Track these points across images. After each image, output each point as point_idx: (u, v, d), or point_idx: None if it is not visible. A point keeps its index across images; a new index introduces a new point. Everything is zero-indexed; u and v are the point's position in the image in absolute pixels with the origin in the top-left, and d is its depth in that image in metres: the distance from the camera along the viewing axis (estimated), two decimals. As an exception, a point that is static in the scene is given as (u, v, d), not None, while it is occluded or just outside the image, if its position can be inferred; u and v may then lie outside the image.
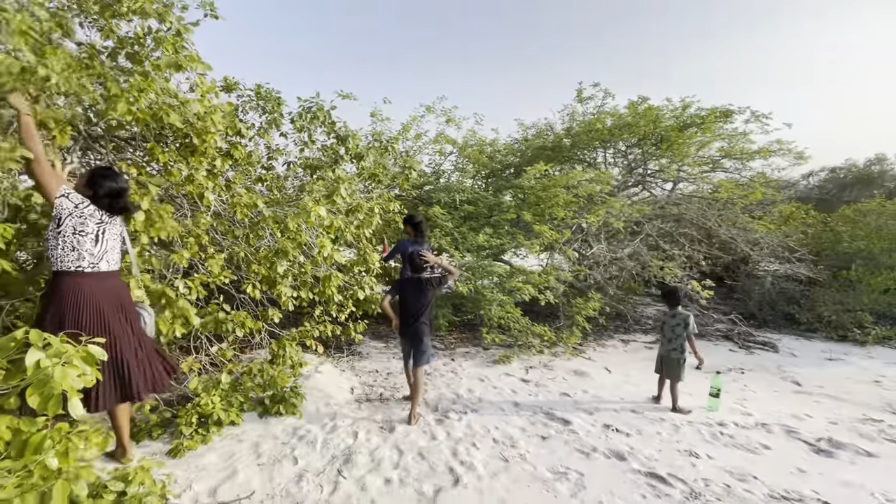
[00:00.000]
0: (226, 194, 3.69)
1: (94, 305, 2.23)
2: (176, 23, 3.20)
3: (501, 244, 6.25)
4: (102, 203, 2.39)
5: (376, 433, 3.24)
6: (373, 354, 5.26)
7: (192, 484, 2.48)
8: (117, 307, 2.35)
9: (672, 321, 4.16)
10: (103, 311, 2.26)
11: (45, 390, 1.42)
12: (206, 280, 3.36)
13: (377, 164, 5.10)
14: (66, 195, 2.26)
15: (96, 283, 2.28)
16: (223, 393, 3.22)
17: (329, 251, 3.85)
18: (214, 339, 3.76)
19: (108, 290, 2.34)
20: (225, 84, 4.32)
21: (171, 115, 3.05)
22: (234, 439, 3.00)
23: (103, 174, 2.44)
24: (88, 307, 2.21)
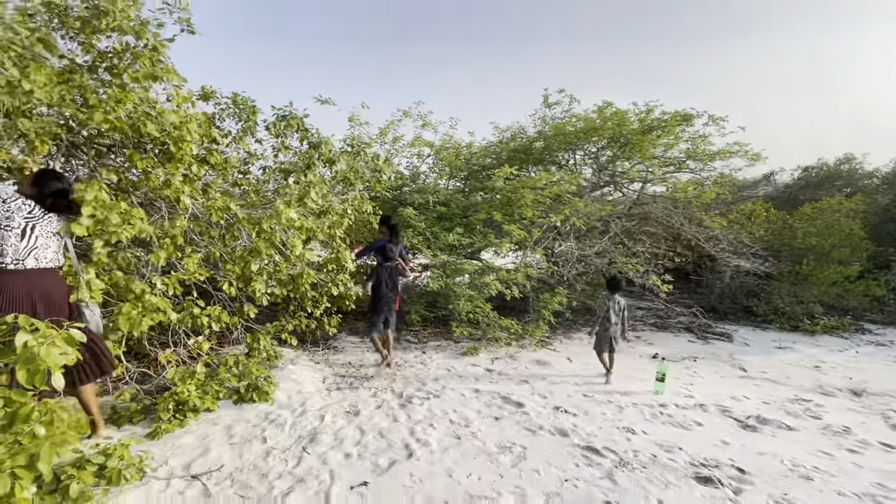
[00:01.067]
0: (202, 198, 3.94)
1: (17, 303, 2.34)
2: (152, 39, 3.45)
3: (472, 243, 6.55)
4: (45, 202, 2.53)
5: (342, 416, 3.52)
6: (347, 348, 5.53)
7: (169, 460, 2.74)
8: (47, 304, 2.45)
9: (616, 307, 4.72)
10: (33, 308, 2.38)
11: (32, 366, 1.68)
12: (183, 278, 3.61)
13: (350, 168, 5.38)
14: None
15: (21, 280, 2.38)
16: (199, 382, 3.47)
17: (300, 250, 4.12)
18: (192, 333, 4.01)
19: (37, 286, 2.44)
20: (203, 93, 4.56)
21: (147, 125, 3.29)
22: (210, 423, 3.26)
23: (48, 174, 2.61)
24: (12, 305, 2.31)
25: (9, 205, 2.40)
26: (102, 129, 3.30)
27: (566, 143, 8.08)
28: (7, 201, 2.41)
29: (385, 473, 2.72)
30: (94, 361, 2.72)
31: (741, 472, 2.93)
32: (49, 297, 2.49)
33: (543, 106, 8.40)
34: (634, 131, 7.63)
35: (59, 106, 3.25)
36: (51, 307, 2.49)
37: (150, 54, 3.46)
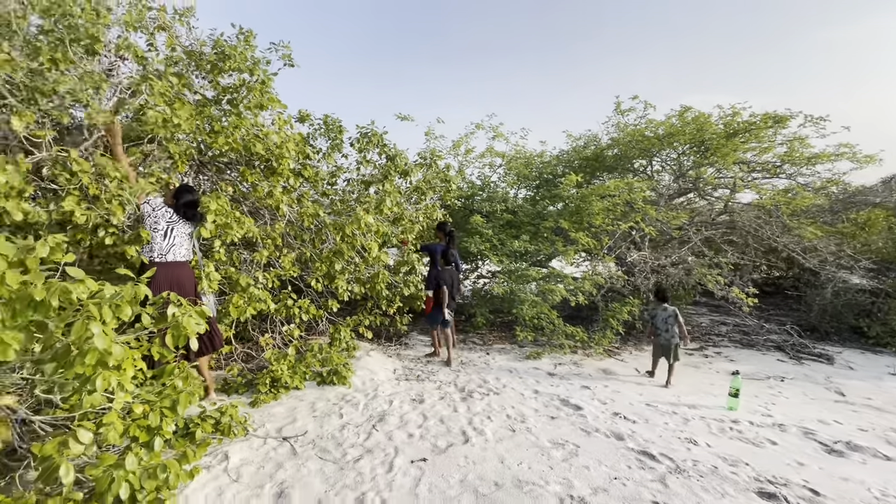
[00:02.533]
0: (297, 206, 4.59)
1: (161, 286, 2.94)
2: (262, 74, 4.16)
3: (539, 250, 6.67)
4: (181, 210, 3.26)
5: (408, 403, 3.88)
6: (417, 345, 5.94)
7: (265, 424, 3.29)
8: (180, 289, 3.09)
9: (664, 314, 4.79)
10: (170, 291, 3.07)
11: (177, 332, 2.23)
12: (280, 274, 4.25)
13: (424, 179, 5.83)
14: (148, 201, 3.19)
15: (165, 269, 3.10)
16: (290, 364, 4.05)
17: (376, 253, 4.61)
18: (285, 322, 4.66)
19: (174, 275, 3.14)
20: (300, 116, 5.29)
21: (256, 145, 3.98)
22: (297, 399, 3.81)
23: (184, 189, 3.34)
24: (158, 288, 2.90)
25: (157, 212, 3.14)
26: (223, 150, 4.04)
27: (642, 149, 7.86)
28: (156, 209, 3.15)
29: (442, 453, 3.01)
30: (209, 339, 3.36)
31: (815, 493, 2.77)
32: (181, 284, 3.18)
33: (616, 113, 8.27)
34: (718, 135, 7.22)
35: (194, 133, 4.05)
36: (182, 292, 3.17)
37: (260, 87, 4.17)
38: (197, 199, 3.31)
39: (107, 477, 1.99)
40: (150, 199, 3.20)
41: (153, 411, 2.28)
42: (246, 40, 4.41)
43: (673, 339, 4.71)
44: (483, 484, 2.66)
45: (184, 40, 4.67)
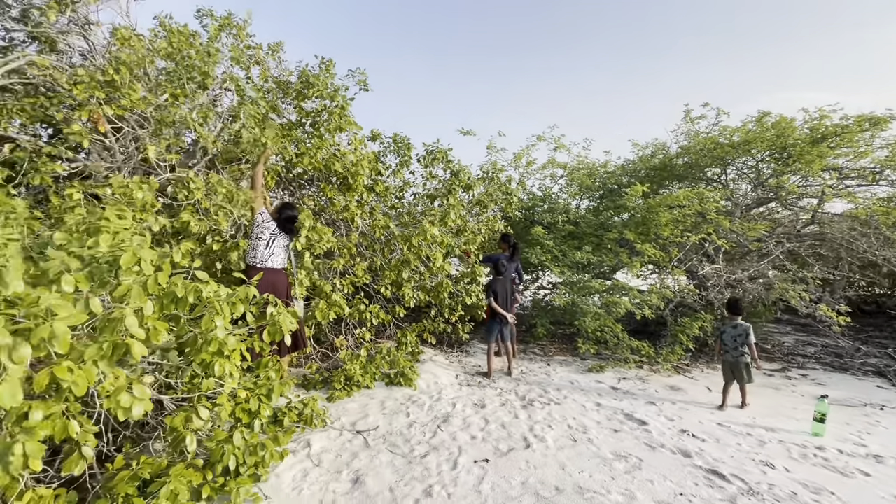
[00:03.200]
0: (369, 218, 4.97)
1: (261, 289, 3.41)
2: (341, 100, 4.59)
3: (603, 262, 6.58)
4: (281, 224, 3.72)
5: (470, 407, 4.04)
6: (478, 354, 6.09)
7: (341, 417, 3.61)
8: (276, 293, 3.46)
9: (733, 331, 4.44)
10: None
11: (273, 329, 2.57)
12: (354, 281, 4.62)
13: (486, 192, 6.03)
14: (262, 213, 3.64)
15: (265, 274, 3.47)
16: (361, 364, 4.38)
17: (440, 263, 4.85)
18: (357, 325, 5.02)
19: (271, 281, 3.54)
20: (372, 135, 5.72)
21: (336, 164, 4.39)
22: (368, 397, 4.11)
23: (286, 206, 3.80)
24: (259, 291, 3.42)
25: (266, 224, 3.61)
26: (307, 168, 4.50)
27: (715, 157, 7.49)
28: (265, 221, 3.62)
29: (504, 456, 3.13)
30: (294, 339, 3.75)
31: (913, 530, 2.55)
32: (276, 289, 3.60)
33: (685, 121, 7.95)
34: (803, 140, 6.71)
35: (281, 153, 4.56)
36: (277, 295, 3.58)
37: (339, 111, 4.60)
38: (296, 216, 3.76)
39: (219, 449, 2.36)
40: (263, 211, 3.67)
41: (253, 397, 2.64)
42: (327, 69, 4.89)
43: (742, 358, 4.38)
44: (544, 488, 2.75)
45: (273, 72, 5.28)
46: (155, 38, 4.60)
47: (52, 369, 1.43)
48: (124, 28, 4.61)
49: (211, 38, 4.93)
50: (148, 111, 4.00)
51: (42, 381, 1.41)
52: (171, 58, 4.16)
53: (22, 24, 4.89)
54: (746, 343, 4.38)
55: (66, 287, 1.63)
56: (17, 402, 1.32)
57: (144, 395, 1.71)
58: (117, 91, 3.69)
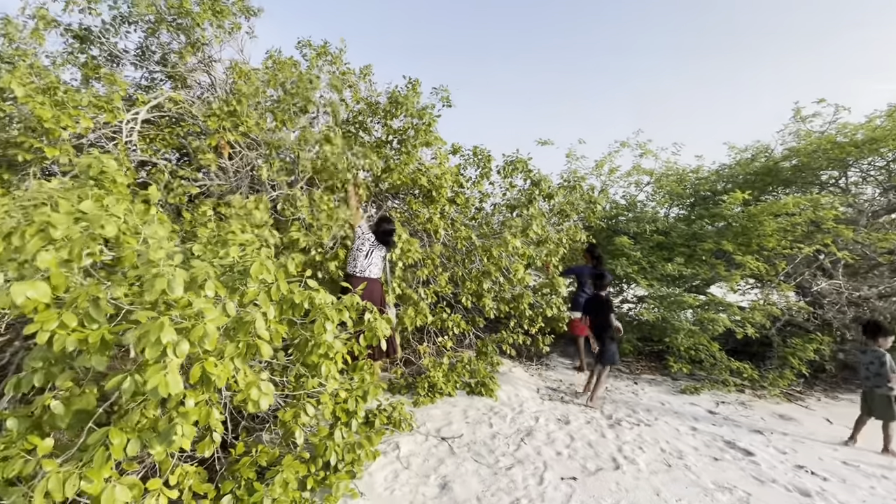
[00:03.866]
0: (450, 230, 5.11)
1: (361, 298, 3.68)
2: (428, 118, 4.81)
3: (696, 274, 6.11)
4: (379, 236, 3.96)
5: (553, 422, 3.96)
6: (559, 368, 5.94)
7: (426, 423, 3.73)
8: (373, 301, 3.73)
9: (866, 357, 3.91)
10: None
11: (370, 334, 2.75)
12: (436, 290, 4.76)
13: (566, 202, 5.91)
14: (360, 226, 3.89)
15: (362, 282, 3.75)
16: (444, 372, 4.48)
17: (521, 274, 4.83)
18: (439, 333, 5.16)
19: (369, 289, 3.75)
20: (453, 148, 5.89)
21: (421, 178, 4.59)
22: (450, 405, 4.20)
23: (384, 219, 4.05)
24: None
25: (365, 236, 3.89)
26: (395, 183, 4.76)
27: (832, 158, 6.64)
28: (364, 233, 3.90)
29: (592, 476, 3.03)
30: (387, 344, 3.96)
31: None
32: (374, 297, 3.86)
33: (795, 119, 7.15)
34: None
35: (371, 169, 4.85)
36: (374, 303, 3.83)
37: (425, 128, 4.82)
38: (393, 229, 4.00)
39: (322, 445, 2.56)
40: (362, 225, 3.97)
41: (351, 398, 2.83)
42: (413, 88, 5.15)
43: (879, 389, 3.76)
44: (638, 513, 2.61)
45: (363, 93, 5.66)
46: (266, 70, 5.17)
47: (203, 363, 1.67)
48: (242, 63, 5.24)
49: (310, 66, 5.43)
50: (260, 136, 4.50)
51: (196, 373, 1.66)
52: (281, 86, 4.64)
53: (161, 65, 5.74)
54: (881, 373, 3.77)
55: (209, 292, 1.90)
56: (179, 390, 1.57)
57: (270, 391, 1.93)
58: (238, 119, 4.21)
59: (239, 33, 5.34)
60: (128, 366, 1.93)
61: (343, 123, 5.49)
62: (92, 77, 4.91)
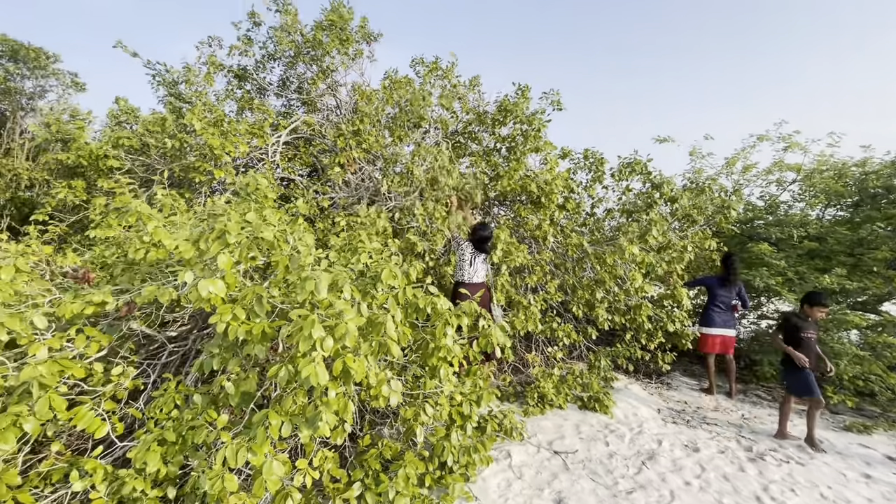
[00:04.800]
0: (560, 236, 4.97)
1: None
2: (538, 123, 4.75)
3: (865, 289, 5.09)
4: (475, 244, 4.03)
5: (679, 448, 3.59)
6: (682, 388, 5.37)
7: (537, 434, 3.64)
8: (481, 305, 3.80)
9: None
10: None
11: (485, 340, 2.78)
12: (546, 298, 4.65)
13: (693, 205, 5.36)
14: (455, 238, 3.98)
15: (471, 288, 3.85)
16: (554, 383, 4.35)
17: (640, 283, 4.49)
18: (548, 343, 5.03)
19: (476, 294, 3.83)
20: (562, 153, 5.74)
21: (530, 185, 4.54)
22: (561, 417, 4.05)
23: (480, 226, 4.10)
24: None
25: (463, 246, 3.99)
26: (504, 190, 4.78)
27: None
28: (461, 244, 4.01)
29: (732, 514, 2.68)
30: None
31: None
32: (481, 301, 3.91)
33: None
34: None
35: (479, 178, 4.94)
36: (482, 306, 3.91)
37: (534, 133, 4.77)
38: (489, 236, 4.05)
39: (440, 445, 2.65)
40: (457, 236, 4.10)
41: (465, 401, 2.89)
42: (523, 94, 5.14)
43: None
44: (795, 567, 2.24)
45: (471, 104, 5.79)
46: (384, 90, 5.60)
47: (345, 359, 1.85)
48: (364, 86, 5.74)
49: (423, 82, 5.73)
50: (379, 151, 4.86)
51: (338, 367, 1.84)
52: (397, 104, 4.98)
53: (297, 93, 6.52)
54: None
55: (346, 295, 2.09)
56: (325, 381, 1.75)
57: (399, 389, 2.06)
58: (360, 137, 4.61)
59: (361, 58, 5.86)
60: (277, 358, 2.22)
61: (452, 135, 5.70)
62: (246, 108, 5.78)
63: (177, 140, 4.48)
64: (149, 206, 2.55)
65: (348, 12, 5.74)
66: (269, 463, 1.86)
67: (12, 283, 2.42)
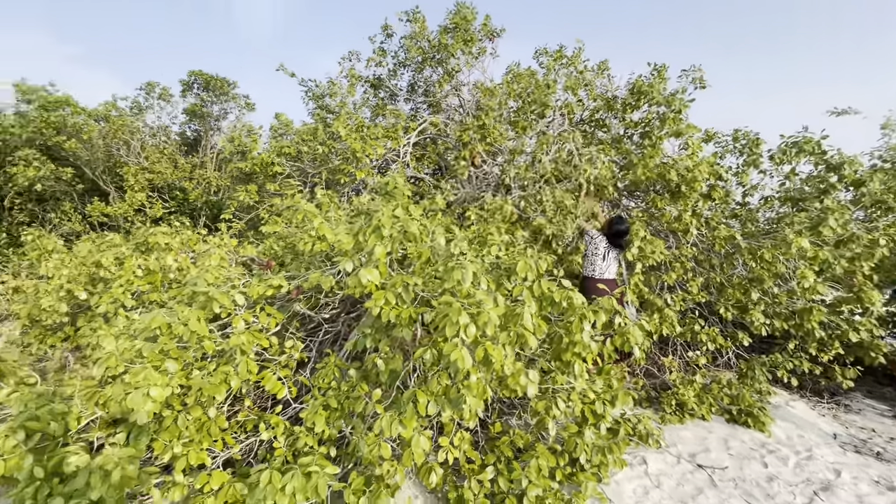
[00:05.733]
0: (704, 228, 4.45)
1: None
2: (678, 103, 4.32)
3: None
4: (610, 238, 3.78)
5: (868, 483, 2.98)
6: (867, 413, 4.42)
7: (676, 444, 3.35)
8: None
9: None
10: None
11: (622, 338, 2.65)
12: (686, 297, 4.22)
13: (887, 188, 4.36)
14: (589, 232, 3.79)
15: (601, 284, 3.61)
16: (696, 391, 3.94)
17: (811, 283, 3.81)
18: (688, 347, 4.56)
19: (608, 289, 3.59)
20: (706, 136, 5.12)
21: (669, 173, 4.15)
22: (704, 429, 3.66)
23: (615, 220, 3.85)
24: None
25: (597, 239, 3.82)
26: (638, 180, 4.45)
27: None
28: (594, 238, 3.84)
29: (950, 573, 2.15)
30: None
31: None
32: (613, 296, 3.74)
33: None
34: None
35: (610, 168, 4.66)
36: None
37: (674, 116, 4.34)
38: (625, 229, 3.81)
39: (572, 441, 2.61)
40: (590, 230, 3.94)
41: (598, 400, 2.79)
42: (659, 74, 4.71)
43: None
44: None
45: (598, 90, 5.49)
46: (507, 83, 5.62)
47: (486, 346, 1.94)
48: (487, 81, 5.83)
49: (547, 72, 5.61)
50: (503, 144, 4.91)
51: (480, 354, 1.93)
52: (519, 97, 4.96)
53: (423, 96, 6.89)
54: None
55: (483, 286, 2.18)
56: (469, 365, 1.85)
57: (535, 380, 2.09)
58: (485, 132, 4.70)
59: (484, 56, 5.96)
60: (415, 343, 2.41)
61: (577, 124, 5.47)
62: (380, 114, 6.31)
63: (326, 146, 5.09)
64: (313, 206, 2.95)
65: (471, 13, 5.87)
66: (416, 437, 2.04)
67: (217, 269, 3.02)
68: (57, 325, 4.00)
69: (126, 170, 6.78)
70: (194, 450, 2.31)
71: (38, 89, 7.01)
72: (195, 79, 8.18)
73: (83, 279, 3.71)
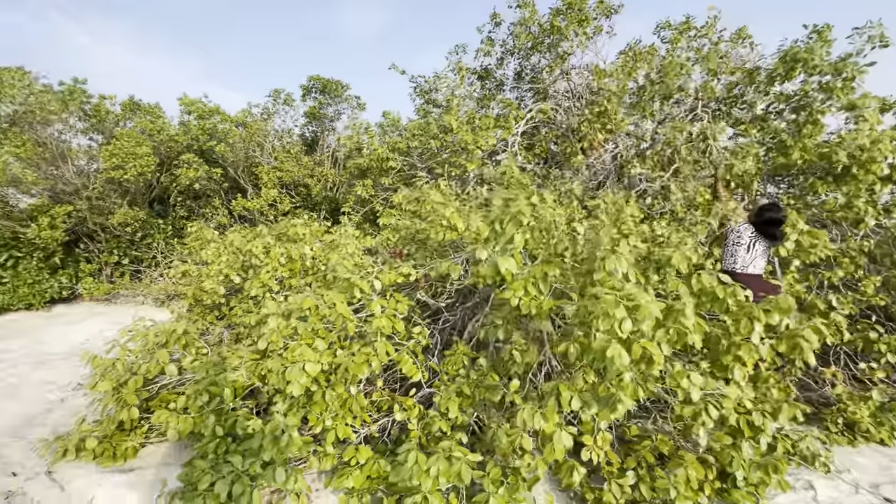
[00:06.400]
0: (883, 218, 3.71)
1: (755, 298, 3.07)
2: (851, 70, 3.63)
3: None
4: (760, 228, 3.28)
5: None
6: None
7: (850, 470, 2.85)
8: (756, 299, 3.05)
9: None
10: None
11: (791, 343, 2.29)
12: (859, 299, 3.57)
13: None
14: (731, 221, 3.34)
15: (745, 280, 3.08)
16: (872, 410, 3.32)
17: None
18: (859, 357, 3.86)
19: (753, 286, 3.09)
20: (881, 105, 4.26)
21: (839, 153, 3.52)
22: (885, 456, 3.06)
23: (766, 207, 3.32)
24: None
25: (740, 229, 3.35)
26: (790, 163, 3.85)
27: None
28: (738, 226, 3.38)
29: None
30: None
31: None
32: (756, 295, 3.27)
33: None
34: None
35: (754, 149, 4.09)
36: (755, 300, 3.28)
37: (844, 84, 3.66)
38: (780, 218, 3.27)
39: (727, 454, 2.34)
40: (732, 221, 3.50)
41: (756, 411, 2.46)
42: (820, 36, 4.01)
43: None
44: None
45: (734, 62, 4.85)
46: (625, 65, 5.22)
47: (645, 344, 1.79)
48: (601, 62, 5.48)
49: (671, 48, 5.09)
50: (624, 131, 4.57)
51: (637, 351, 1.79)
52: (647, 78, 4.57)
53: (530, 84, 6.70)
54: None
55: (633, 278, 2.02)
56: (627, 362, 1.72)
57: (699, 383, 1.89)
58: (606, 118, 4.41)
59: (600, 34, 5.60)
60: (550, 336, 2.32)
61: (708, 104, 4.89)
62: (486, 105, 6.27)
63: (438, 140, 5.19)
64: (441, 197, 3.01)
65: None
66: (559, 433, 1.97)
67: (353, 256, 3.23)
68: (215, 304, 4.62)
69: (260, 169, 7.65)
70: (341, 424, 2.49)
71: (197, 101, 8.17)
72: (314, 83, 8.90)
73: (237, 265, 4.23)
